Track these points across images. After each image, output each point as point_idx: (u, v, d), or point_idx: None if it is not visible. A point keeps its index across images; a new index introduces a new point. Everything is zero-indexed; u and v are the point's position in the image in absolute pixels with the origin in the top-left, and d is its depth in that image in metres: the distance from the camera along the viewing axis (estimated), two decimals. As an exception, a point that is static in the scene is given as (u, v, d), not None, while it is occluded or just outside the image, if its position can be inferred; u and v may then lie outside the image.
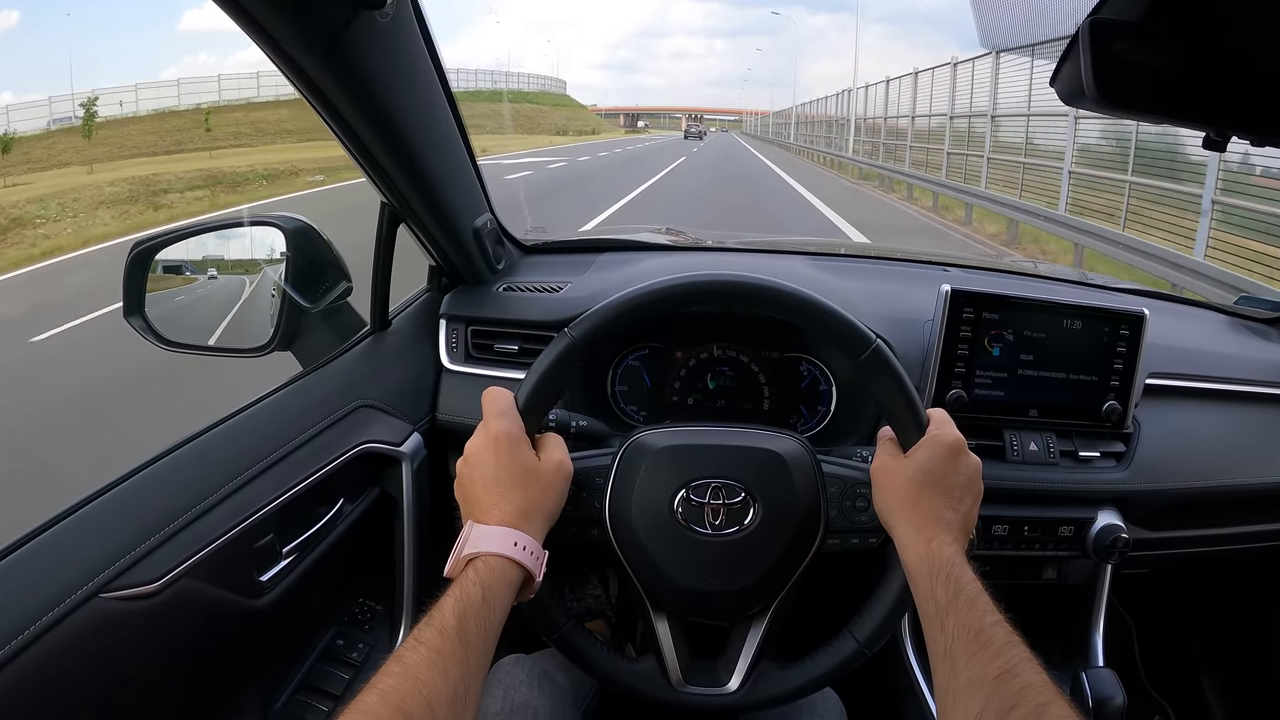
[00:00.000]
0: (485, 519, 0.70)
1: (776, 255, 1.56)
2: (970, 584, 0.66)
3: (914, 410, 0.76)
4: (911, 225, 10.83)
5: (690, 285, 0.79)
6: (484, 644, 0.63)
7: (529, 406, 0.75)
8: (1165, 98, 0.74)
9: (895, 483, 0.75)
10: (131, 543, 0.72)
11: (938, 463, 0.74)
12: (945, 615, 0.65)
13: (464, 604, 0.62)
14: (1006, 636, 0.62)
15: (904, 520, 0.73)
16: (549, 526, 0.74)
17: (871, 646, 0.79)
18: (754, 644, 0.81)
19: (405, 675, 0.56)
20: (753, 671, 0.81)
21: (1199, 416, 1.21)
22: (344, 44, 0.71)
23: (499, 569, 0.67)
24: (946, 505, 0.73)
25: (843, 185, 16.47)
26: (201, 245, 1.14)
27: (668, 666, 0.81)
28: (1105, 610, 1.20)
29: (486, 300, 1.17)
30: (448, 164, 0.97)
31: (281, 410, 0.96)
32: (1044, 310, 1.07)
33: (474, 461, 0.73)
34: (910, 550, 0.71)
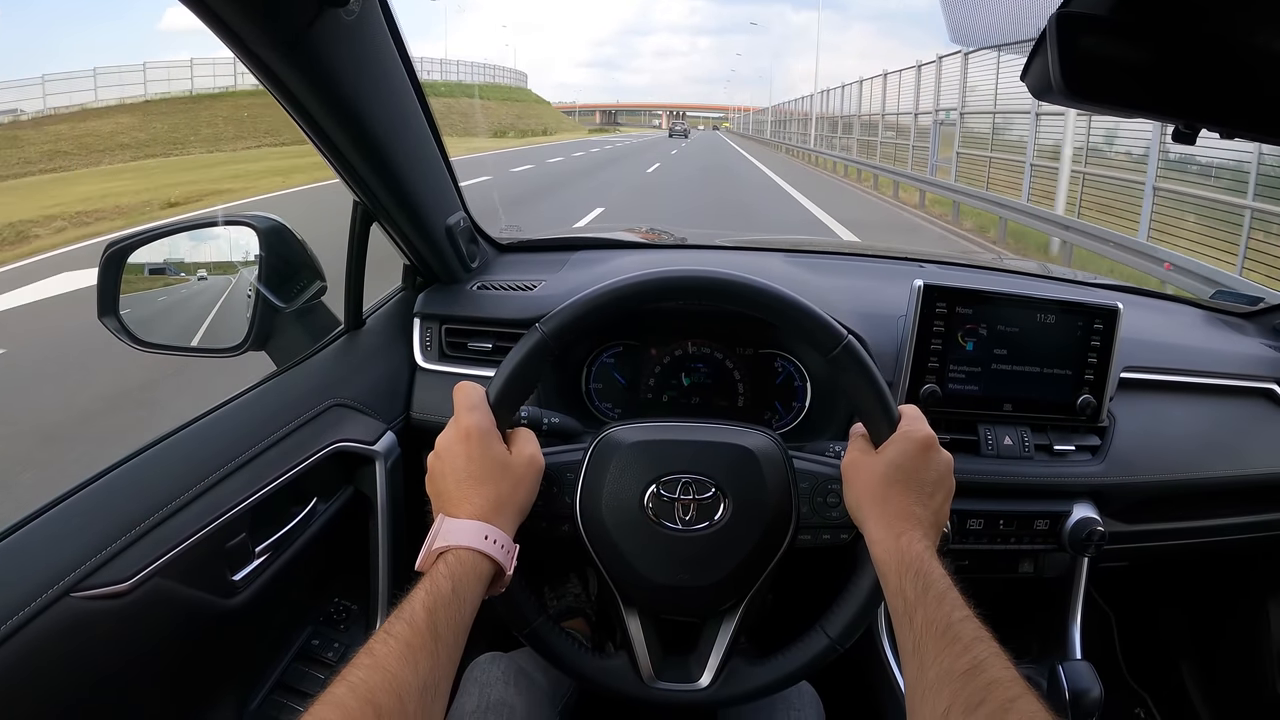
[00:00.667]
0: (456, 512, 0.69)
1: (751, 252, 1.57)
2: (939, 579, 0.66)
3: (885, 406, 0.76)
4: (881, 214, 11.91)
5: (662, 281, 0.79)
6: (454, 637, 0.62)
7: (500, 401, 0.75)
8: (1134, 91, 0.74)
9: (866, 479, 0.75)
10: (102, 542, 0.72)
11: (908, 459, 0.74)
12: (914, 611, 0.65)
13: (434, 597, 0.62)
14: (975, 632, 0.61)
15: (874, 516, 0.73)
16: (520, 520, 0.74)
17: (843, 642, 0.79)
18: (725, 640, 0.81)
19: (375, 667, 0.56)
20: (724, 667, 0.81)
21: (1174, 410, 1.21)
22: (310, 42, 0.71)
23: (469, 562, 0.66)
24: (917, 501, 0.73)
25: (807, 170, 18.63)
26: (176, 245, 1.13)
27: (639, 662, 0.81)
28: (1084, 603, 1.21)
29: (460, 299, 1.17)
30: (419, 162, 0.97)
31: (254, 409, 0.96)
32: (1018, 305, 1.07)
33: (445, 455, 0.73)
34: (880, 546, 0.71)
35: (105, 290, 1.05)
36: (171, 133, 22.50)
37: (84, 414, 3.23)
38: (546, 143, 36.29)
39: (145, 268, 1.10)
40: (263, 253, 1.07)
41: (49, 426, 3.10)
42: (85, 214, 10.30)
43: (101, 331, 1.06)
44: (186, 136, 22.72)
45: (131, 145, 20.46)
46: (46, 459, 2.48)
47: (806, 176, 17.67)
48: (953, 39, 11.68)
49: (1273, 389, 1.26)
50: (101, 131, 23.03)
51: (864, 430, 0.79)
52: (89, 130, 23.27)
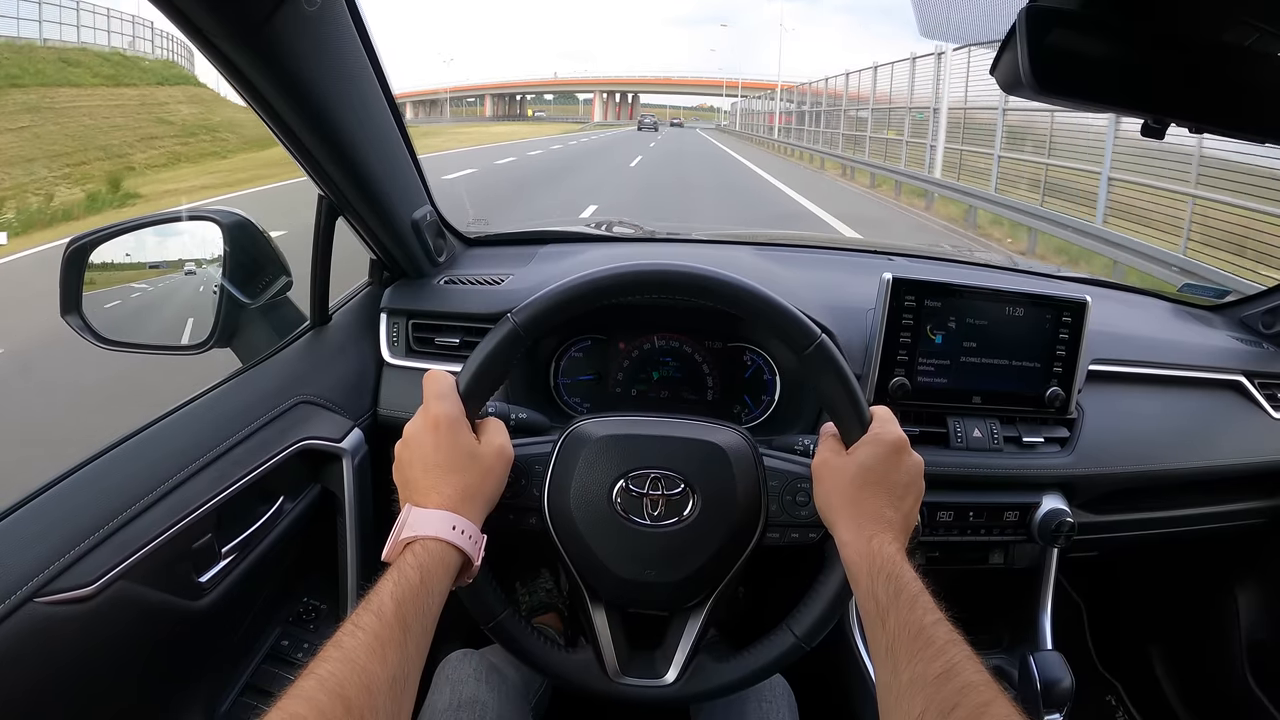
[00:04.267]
0: (423, 502, 0.69)
1: (721, 245, 1.57)
2: (911, 582, 0.66)
3: (857, 407, 0.76)
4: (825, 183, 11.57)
5: (636, 274, 0.78)
6: (423, 628, 0.62)
7: (470, 390, 0.75)
8: (1103, 85, 0.74)
9: (836, 480, 0.75)
10: (65, 545, 0.71)
11: (879, 461, 0.74)
12: (886, 614, 0.65)
13: (402, 588, 0.62)
14: (947, 635, 0.62)
15: (844, 518, 0.73)
16: (488, 511, 0.73)
17: (810, 641, 0.79)
18: (692, 636, 0.81)
19: (344, 660, 0.56)
20: (690, 664, 0.81)
21: (1142, 402, 1.23)
22: (270, 34, 0.69)
23: (437, 553, 0.66)
24: (888, 503, 0.73)
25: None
26: (139, 241, 1.11)
27: (605, 657, 0.81)
28: (1056, 594, 1.22)
29: (427, 293, 1.16)
30: (384, 156, 0.96)
31: (219, 407, 0.94)
32: (986, 298, 1.08)
33: (413, 444, 0.72)
34: (850, 548, 0.71)
35: (68, 288, 1.03)
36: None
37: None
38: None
39: (109, 264, 1.08)
40: (227, 248, 1.05)
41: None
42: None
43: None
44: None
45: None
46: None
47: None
48: (922, 33, 11.73)
49: (1240, 381, 1.28)
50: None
51: (835, 430, 0.79)
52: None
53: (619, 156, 22.39)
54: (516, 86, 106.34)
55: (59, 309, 1.04)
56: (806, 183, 15.11)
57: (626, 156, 22.23)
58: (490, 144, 27.07)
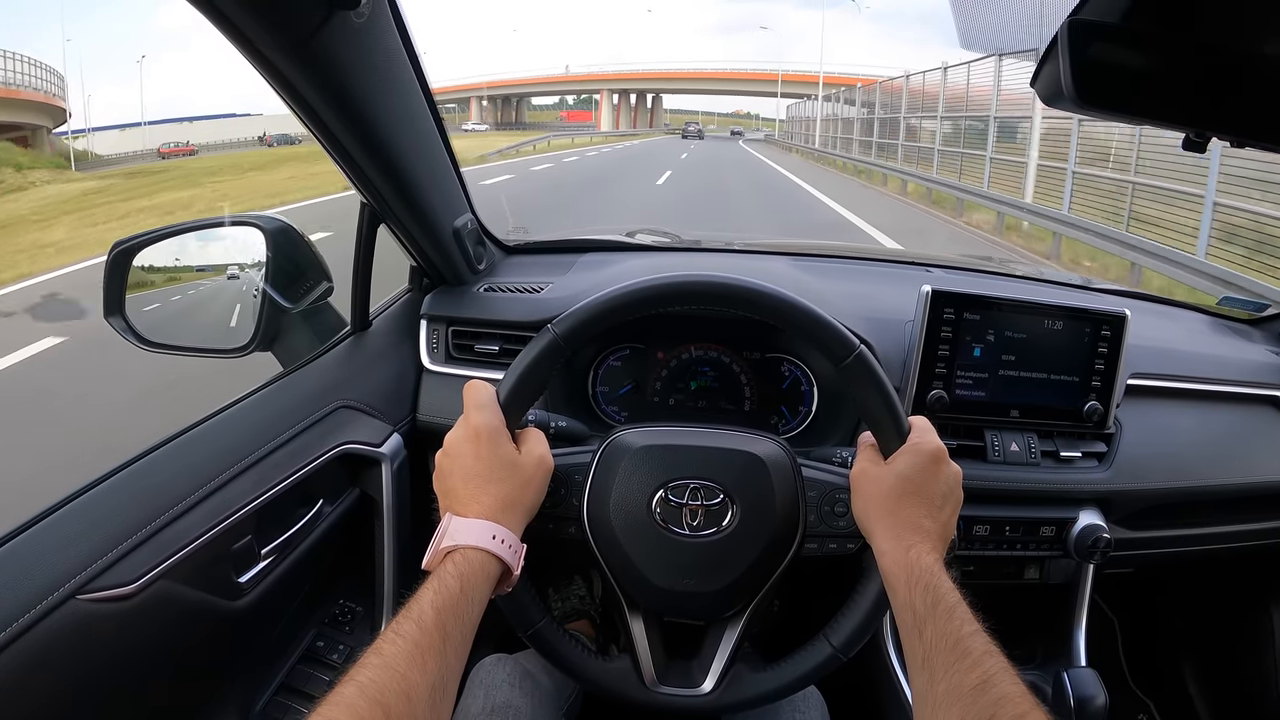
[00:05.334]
0: (464, 512, 0.69)
1: (757, 256, 1.56)
2: (949, 593, 0.66)
3: (896, 417, 0.76)
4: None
5: (676, 285, 0.78)
6: (462, 637, 0.62)
7: (510, 401, 0.75)
8: (1144, 99, 0.74)
9: (875, 489, 0.74)
10: (109, 544, 0.72)
11: (918, 470, 0.73)
12: (923, 624, 0.64)
13: (442, 597, 0.62)
14: (984, 646, 0.62)
15: (883, 527, 0.73)
16: (528, 521, 0.73)
17: (847, 651, 0.79)
18: (729, 646, 0.81)
19: (384, 667, 0.56)
20: (727, 673, 0.81)
21: (1180, 417, 1.21)
22: (319, 44, 0.70)
23: (477, 562, 0.66)
24: (926, 514, 0.72)
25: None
26: (182, 246, 1.13)
27: (642, 666, 0.81)
28: (1088, 609, 1.21)
29: (467, 301, 1.17)
30: (427, 164, 0.97)
31: (261, 411, 0.96)
32: (1025, 310, 1.07)
33: (454, 454, 0.73)
34: (888, 558, 0.71)
35: (111, 290, 1.06)
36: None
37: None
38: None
39: (152, 268, 1.10)
40: (270, 253, 1.07)
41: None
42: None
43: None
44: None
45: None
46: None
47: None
48: (963, 44, 11.57)
49: (1278, 396, 1.26)
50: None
51: (873, 440, 0.78)
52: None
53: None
54: (512, 85, 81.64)
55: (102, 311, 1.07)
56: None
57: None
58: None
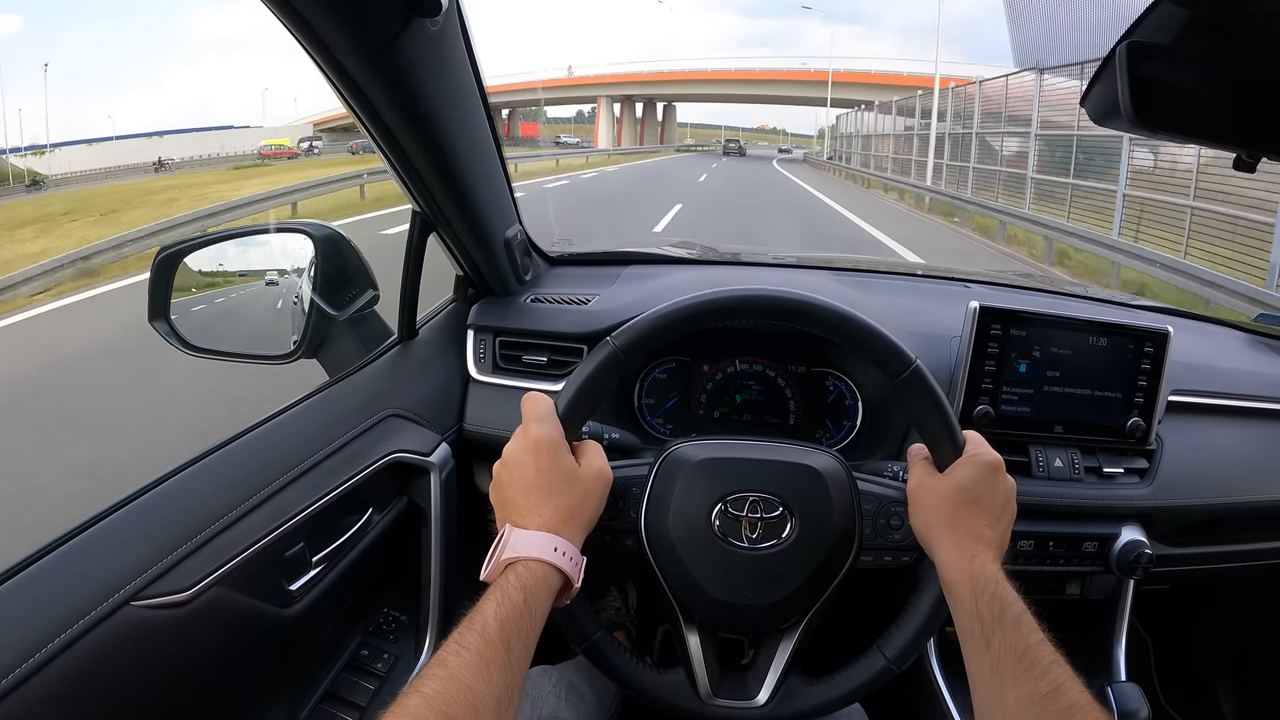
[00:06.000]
0: (524, 523, 0.69)
1: (802, 270, 1.57)
2: (1014, 602, 0.67)
3: (951, 431, 0.76)
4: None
5: (735, 299, 0.79)
6: (525, 648, 0.63)
7: (569, 413, 0.75)
8: (1197, 119, 0.74)
9: (935, 501, 0.75)
10: (163, 550, 0.72)
11: (977, 481, 0.74)
12: (991, 633, 0.65)
13: (506, 608, 0.62)
14: (1051, 655, 0.62)
15: (945, 538, 0.73)
16: (587, 533, 0.73)
17: (901, 664, 0.79)
18: (784, 658, 0.81)
19: (449, 678, 0.56)
20: (781, 686, 0.81)
21: (1221, 433, 1.21)
22: (395, 51, 0.71)
23: (540, 574, 0.66)
24: (987, 524, 0.73)
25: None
26: (229, 252, 1.14)
27: (697, 678, 0.81)
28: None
29: (514, 311, 1.17)
30: (484, 174, 0.97)
31: (312, 418, 0.96)
32: (1070, 327, 1.07)
33: (513, 465, 0.73)
34: (953, 568, 0.71)
35: (156, 294, 1.07)
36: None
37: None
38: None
39: (198, 273, 1.11)
40: (317, 260, 1.08)
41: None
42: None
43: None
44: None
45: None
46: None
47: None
48: (1017, 63, 11.64)
49: None
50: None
51: (925, 453, 0.79)
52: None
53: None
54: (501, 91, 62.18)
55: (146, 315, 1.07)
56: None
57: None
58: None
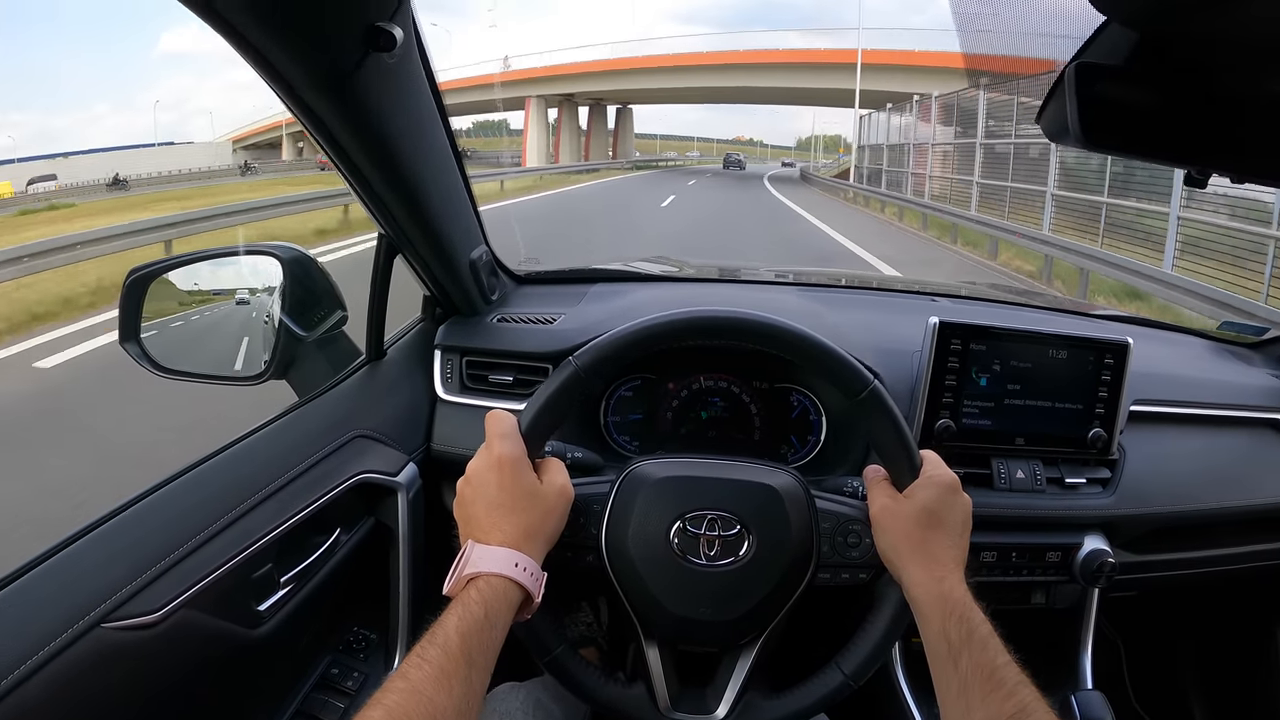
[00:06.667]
0: (486, 539, 0.70)
1: (767, 287, 1.58)
2: (981, 624, 0.68)
3: (909, 452, 0.78)
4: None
5: (695, 320, 0.80)
6: (486, 663, 0.64)
7: (532, 431, 0.76)
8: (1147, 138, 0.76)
9: (900, 524, 0.76)
10: (132, 573, 0.73)
11: (938, 502, 0.75)
12: (959, 655, 0.66)
13: (467, 622, 0.63)
14: (1018, 677, 0.64)
15: (913, 560, 0.74)
16: (548, 549, 0.75)
17: (858, 679, 0.80)
18: (743, 673, 0.82)
19: (410, 692, 0.57)
20: (740, 700, 0.82)
21: (1183, 441, 1.23)
22: (353, 84, 0.72)
23: (500, 589, 0.67)
24: (951, 544, 0.74)
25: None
26: (198, 273, 1.14)
27: (657, 693, 0.82)
28: (1094, 633, 1.22)
29: (481, 331, 1.18)
30: (447, 197, 0.98)
31: (279, 440, 0.96)
32: (1030, 341, 1.08)
33: (476, 482, 0.74)
34: (922, 589, 0.72)
35: (127, 316, 1.07)
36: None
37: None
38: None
39: (167, 295, 1.11)
40: (285, 282, 1.08)
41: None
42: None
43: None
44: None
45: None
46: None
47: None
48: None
49: (1279, 419, 1.28)
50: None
51: (884, 474, 0.80)
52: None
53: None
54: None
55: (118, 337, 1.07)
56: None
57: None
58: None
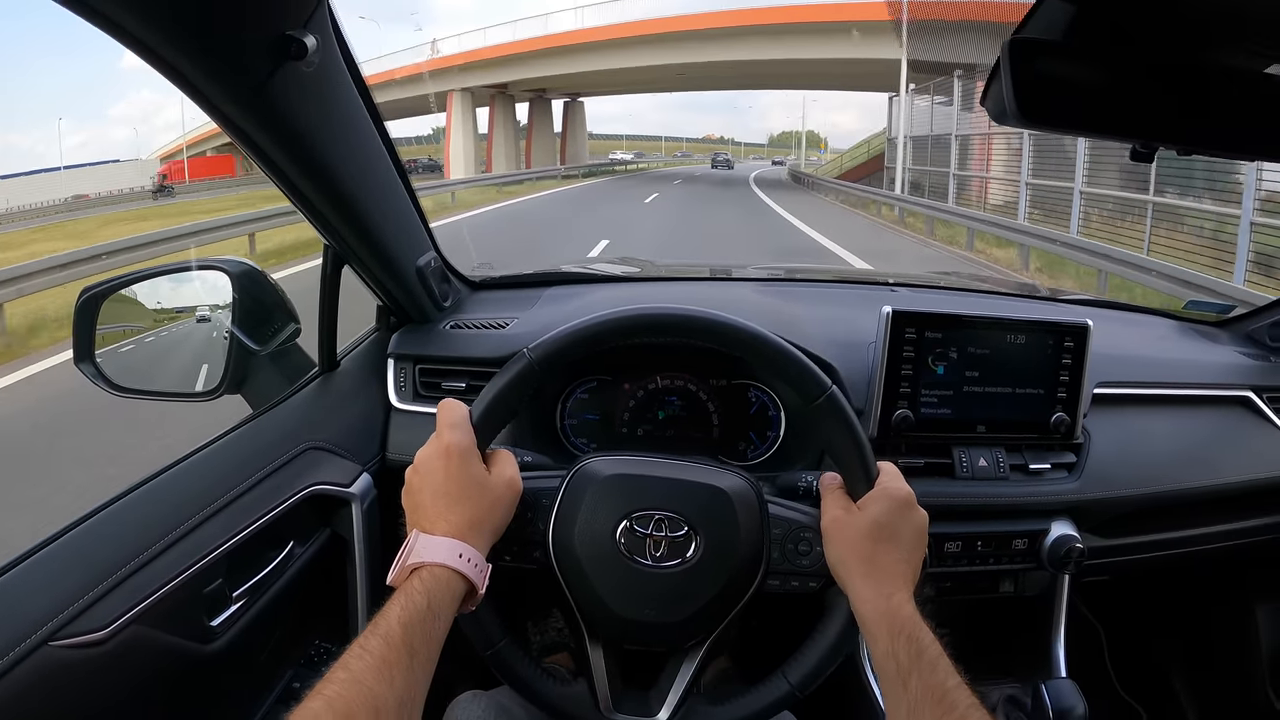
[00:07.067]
0: (431, 529, 0.70)
1: (725, 283, 1.57)
2: (931, 645, 0.67)
3: (865, 461, 0.77)
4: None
5: (653, 317, 0.80)
6: (429, 653, 0.63)
7: (483, 421, 0.76)
8: (1090, 113, 0.75)
9: (850, 536, 0.75)
10: (80, 590, 0.72)
11: (891, 516, 0.74)
12: (909, 676, 0.65)
13: (409, 613, 0.63)
14: (969, 700, 0.63)
15: (860, 575, 0.73)
16: (493, 541, 0.74)
17: (803, 690, 0.79)
18: (686, 677, 0.81)
19: (351, 682, 0.57)
20: (682, 705, 0.81)
21: (1149, 423, 1.22)
22: (270, 95, 0.71)
23: (444, 579, 0.67)
24: (901, 560, 0.73)
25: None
26: (151, 290, 1.14)
27: (599, 693, 0.81)
28: (1073, 619, 1.21)
29: (433, 339, 1.17)
30: (388, 205, 0.98)
31: (230, 454, 0.96)
32: (987, 326, 1.07)
33: (424, 471, 0.74)
34: (869, 605, 0.71)
35: (81, 336, 1.06)
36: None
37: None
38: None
39: (120, 313, 1.11)
40: (236, 296, 1.07)
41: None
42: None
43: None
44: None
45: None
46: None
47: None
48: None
49: (1248, 396, 1.27)
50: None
51: (839, 483, 0.79)
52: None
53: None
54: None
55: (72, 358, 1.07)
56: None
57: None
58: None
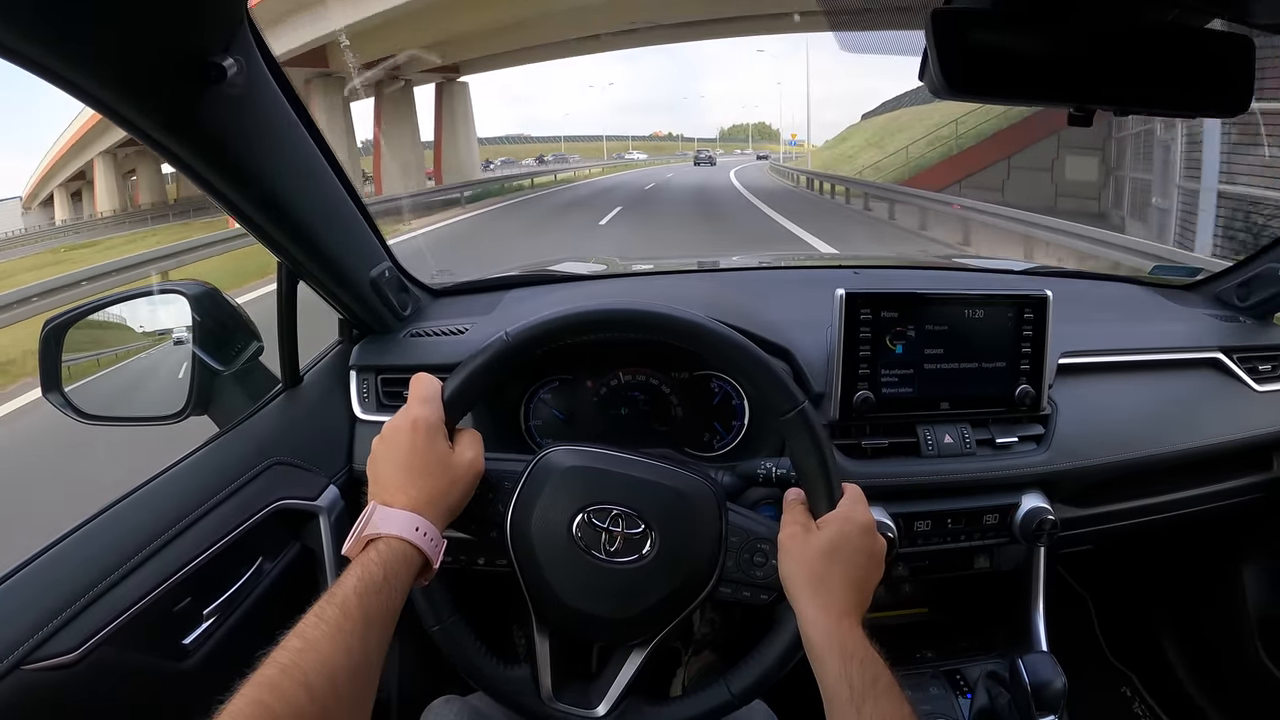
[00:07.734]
0: (390, 501, 0.71)
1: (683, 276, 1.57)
2: (884, 671, 0.67)
3: (829, 482, 0.77)
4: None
5: (630, 315, 0.80)
6: (384, 623, 0.64)
7: (454, 398, 0.78)
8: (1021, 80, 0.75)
9: (805, 554, 0.74)
10: (50, 613, 0.73)
11: (849, 540, 0.74)
12: (862, 701, 0.65)
13: (365, 583, 0.64)
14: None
15: (810, 594, 0.72)
16: (451, 519, 0.75)
17: (744, 700, 0.80)
18: (629, 674, 0.81)
19: (306, 650, 0.58)
20: (622, 702, 0.81)
21: (1117, 390, 1.22)
22: (197, 119, 0.71)
23: (400, 551, 0.68)
24: (854, 584, 0.73)
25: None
26: (115, 317, 1.14)
27: (540, 680, 0.82)
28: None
29: (393, 348, 1.18)
30: (334, 220, 0.98)
31: (195, 473, 0.96)
32: (943, 303, 1.07)
33: (390, 441, 0.75)
34: (817, 626, 0.71)
35: (47, 367, 1.07)
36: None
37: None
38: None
39: (85, 341, 1.11)
40: (197, 317, 1.08)
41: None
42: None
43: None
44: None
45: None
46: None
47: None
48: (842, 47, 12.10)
49: (1218, 357, 1.27)
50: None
51: (801, 498, 0.79)
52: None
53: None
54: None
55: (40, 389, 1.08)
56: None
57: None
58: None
